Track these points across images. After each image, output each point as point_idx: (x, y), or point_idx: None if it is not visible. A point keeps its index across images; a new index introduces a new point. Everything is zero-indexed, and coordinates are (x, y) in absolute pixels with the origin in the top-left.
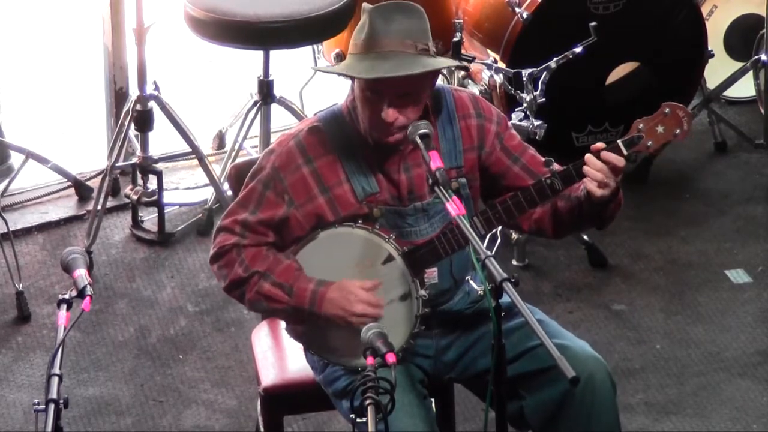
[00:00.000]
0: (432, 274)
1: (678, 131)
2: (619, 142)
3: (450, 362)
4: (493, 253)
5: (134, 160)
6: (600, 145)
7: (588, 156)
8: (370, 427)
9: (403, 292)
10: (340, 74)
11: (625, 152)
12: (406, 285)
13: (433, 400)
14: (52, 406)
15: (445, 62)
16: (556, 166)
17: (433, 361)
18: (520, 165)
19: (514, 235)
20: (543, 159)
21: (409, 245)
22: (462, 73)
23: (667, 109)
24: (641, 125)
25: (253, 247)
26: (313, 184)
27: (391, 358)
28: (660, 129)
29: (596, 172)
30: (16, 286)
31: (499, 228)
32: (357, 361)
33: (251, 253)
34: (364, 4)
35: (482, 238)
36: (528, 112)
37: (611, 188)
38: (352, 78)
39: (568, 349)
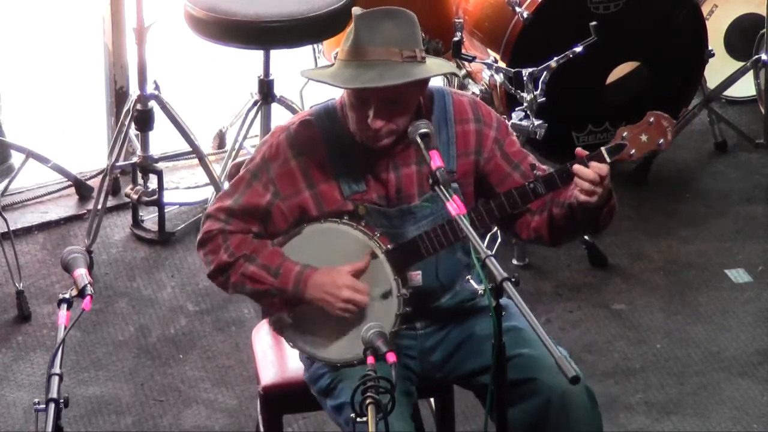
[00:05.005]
0: (416, 276)
1: (661, 141)
2: (603, 149)
3: (437, 363)
4: (494, 252)
5: (134, 159)
6: (583, 151)
7: (576, 166)
8: (370, 427)
9: (384, 290)
10: (322, 82)
11: (608, 159)
12: (388, 283)
13: (432, 400)
14: (52, 406)
15: (430, 71)
16: (538, 171)
17: (419, 361)
18: (519, 172)
19: None
20: (533, 172)
21: (393, 245)
22: (462, 72)
23: (651, 118)
24: (625, 133)
25: (238, 234)
26: (300, 177)
27: (391, 357)
28: (644, 138)
29: (582, 181)
30: (17, 285)
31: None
32: (339, 357)
33: (237, 240)
34: (354, 9)
35: (465, 240)
36: (528, 112)
37: (598, 194)
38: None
39: (541, 361)
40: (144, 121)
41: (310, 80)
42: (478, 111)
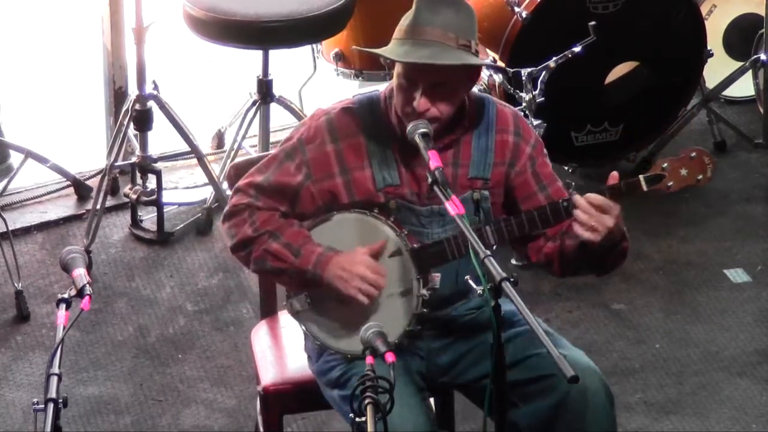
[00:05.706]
0: (436, 278)
1: (700, 177)
2: (641, 177)
3: (444, 366)
4: (493, 252)
5: (133, 159)
6: (616, 175)
7: (576, 197)
8: (370, 427)
9: (404, 288)
10: (375, 54)
11: (645, 188)
12: (409, 282)
13: (432, 399)
14: (51, 406)
15: (482, 61)
16: (574, 195)
17: (426, 362)
18: (545, 194)
19: None
20: (568, 191)
21: (418, 244)
22: None
23: (693, 153)
24: (665, 164)
25: (266, 210)
26: (335, 163)
27: (390, 357)
28: (683, 172)
29: (581, 213)
30: (16, 285)
31: None
32: (350, 349)
33: (263, 216)
34: None
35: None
36: (527, 112)
37: (600, 233)
38: (389, 60)
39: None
40: (143, 121)
41: (315, 73)
42: (519, 125)
